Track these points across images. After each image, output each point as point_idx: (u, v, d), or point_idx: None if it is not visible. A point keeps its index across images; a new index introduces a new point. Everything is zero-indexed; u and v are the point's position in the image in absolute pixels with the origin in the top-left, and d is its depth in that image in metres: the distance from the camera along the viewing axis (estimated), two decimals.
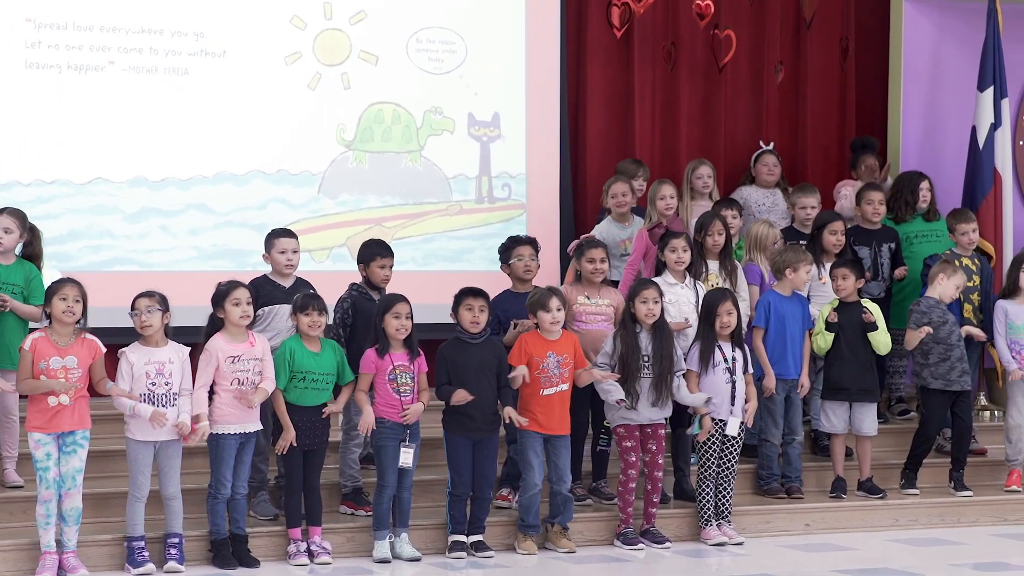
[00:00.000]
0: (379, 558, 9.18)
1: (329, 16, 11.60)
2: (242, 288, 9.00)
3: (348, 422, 9.63)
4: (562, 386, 9.51)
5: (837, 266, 10.69)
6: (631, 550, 9.66)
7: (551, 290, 9.63)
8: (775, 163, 12.19)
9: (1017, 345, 11.00)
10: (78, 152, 11.00)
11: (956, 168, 12.37)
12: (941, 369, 10.78)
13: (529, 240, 10.22)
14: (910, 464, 10.88)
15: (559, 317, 9.50)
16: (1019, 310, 11.00)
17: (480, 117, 11.98)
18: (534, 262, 10.11)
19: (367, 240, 10.03)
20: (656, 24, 12.58)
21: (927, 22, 12.98)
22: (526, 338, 9.53)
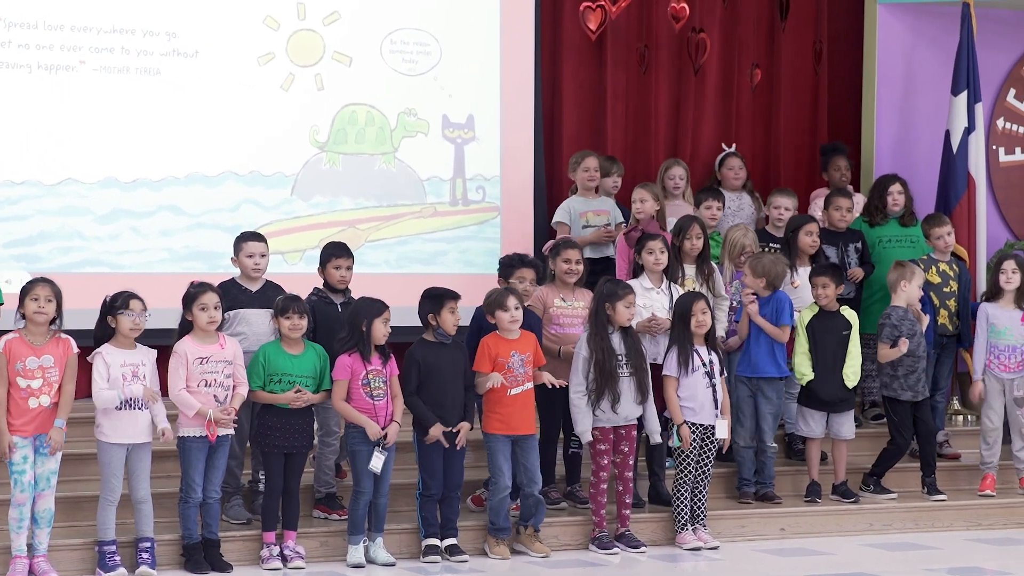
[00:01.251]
0: (353, 563, 9.12)
1: (302, 17, 11.53)
2: (211, 293, 8.93)
3: (323, 428, 9.57)
4: (527, 384, 9.49)
5: (817, 273, 10.66)
6: (606, 554, 9.62)
7: (507, 290, 9.60)
8: (740, 166, 12.18)
9: (996, 349, 11.00)
10: (48, 153, 10.91)
11: (930, 172, 12.38)
12: (910, 381, 10.77)
13: (533, 263, 10.08)
14: (876, 472, 10.85)
15: (517, 316, 9.46)
16: (1001, 313, 11.00)
17: (454, 119, 11.93)
18: (532, 287, 9.98)
19: (328, 243, 9.93)
20: (630, 26, 12.57)
21: (901, 26, 13.01)
22: (488, 341, 9.48)
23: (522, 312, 9.51)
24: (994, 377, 11.02)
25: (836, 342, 10.55)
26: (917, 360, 10.74)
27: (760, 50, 13.03)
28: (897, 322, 10.72)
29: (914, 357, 10.73)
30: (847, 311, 10.68)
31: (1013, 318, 10.98)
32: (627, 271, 10.61)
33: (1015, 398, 10.99)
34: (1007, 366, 10.98)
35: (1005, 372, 10.99)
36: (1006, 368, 10.99)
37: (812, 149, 13.22)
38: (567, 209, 11.42)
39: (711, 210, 11.27)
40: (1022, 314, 10.98)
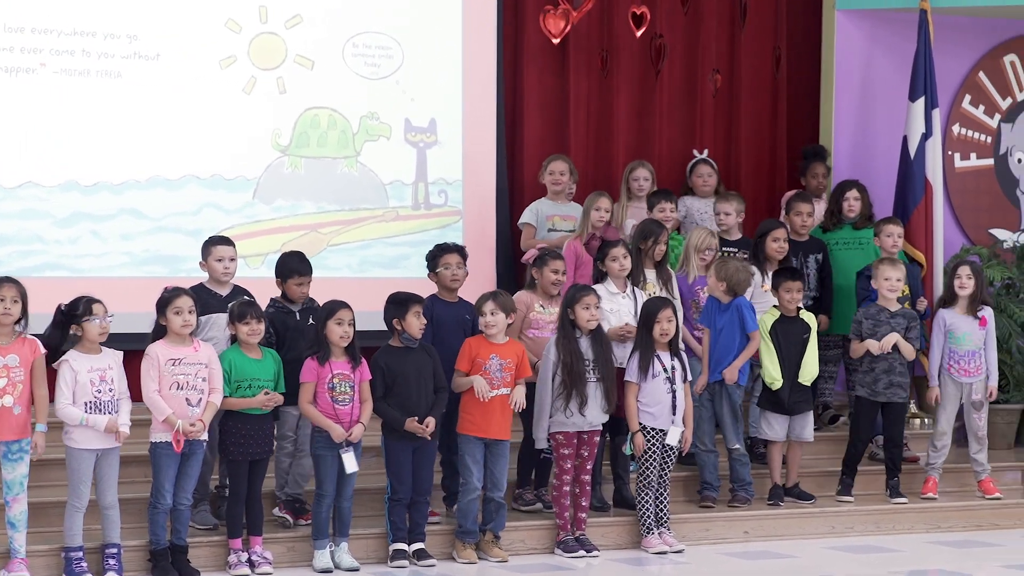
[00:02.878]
0: (320, 568, 9.12)
1: (264, 20, 11.49)
2: (185, 296, 8.90)
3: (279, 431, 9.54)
4: (504, 389, 9.49)
5: (785, 278, 10.72)
6: (571, 558, 9.65)
7: (492, 293, 9.64)
8: (710, 173, 12.21)
9: (956, 355, 11.06)
10: (7, 156, 10.83)
11: (887, 178, 12.45)
12: (868, 379, 10.85)
13: (456, 248, 10.13)
14: (845, 471, 10.93)
15: (492, 321, 9.49)
16: (959, 320, 11.07)
17: (417, 123, 11.91)
18: (461, 270, 10.02)
19: (286, 253, 9.87)
20: (592, 31, 12.58)
21: (859, 32, 13.09)
22: (471, 341, 9.53)
23: (501, 318, 9.52)
24: (952, 381, 11.08)
25: (797, 346, 10.62)
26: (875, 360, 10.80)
27: (721, 55, 13.07)
28: (863, 319, 10.79)
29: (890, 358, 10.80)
30: (806, 315, 10.75)
31: (971, 324, 11.05)
32: (575, 277, 10.65)
33: (973, 401, 11.07)
34: (967, 371, 11.06)
35: (965, 376, 11.06)
36: (966, 372, 11.06)
37: (773, 154, 13.27)
38: (535, 211, 11.43)
39: (664, 212, 11.30)
40: (979, 319, 11.06)
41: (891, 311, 10.85)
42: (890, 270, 10.88)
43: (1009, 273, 12.78)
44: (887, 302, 10.87)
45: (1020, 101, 13.56)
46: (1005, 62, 13.50)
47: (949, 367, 11.07)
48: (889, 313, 10.84)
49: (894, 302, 10.89)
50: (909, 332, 10.82)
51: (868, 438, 11.05)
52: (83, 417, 8.53)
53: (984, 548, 10.36)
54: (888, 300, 10.87)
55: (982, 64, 13.43)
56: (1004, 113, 13.53)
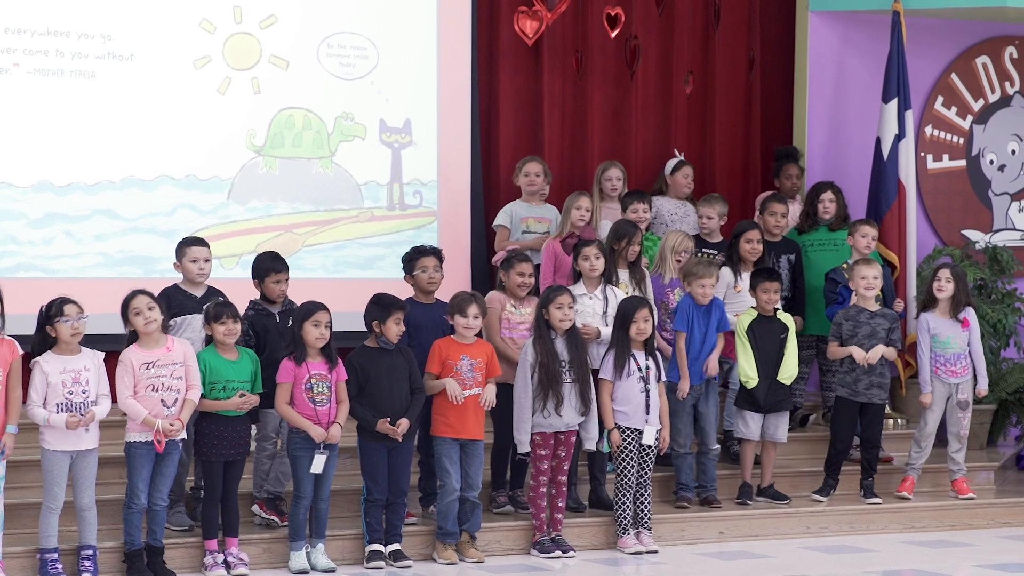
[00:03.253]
0: (296, 569, 9.11)
1: (239, 20, 11.46)
2: (140, 296, 8.86)
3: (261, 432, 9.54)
4: (475, 389, 9.51)
5: (763, 278, 10.74)
6: (547, 558, 9.65)
7: (473, 297, 9.64)
8: (690, 174, 12.23)
9: (943, 358, 11.07)
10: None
11: (861, 179, 12.50)
12: (848, 379, 10.88)
13: (433, 251, 10.13)
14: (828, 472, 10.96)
15: (473, 325, 9.50)
16: (941, 324, 11.08)
17: (391, 123, 11.90)
18: (438, 273, 10.03)
19: (260, 254, 9.88)
20: (566, 32, 12.59)
21: (832, 34, 13.14)
22: (441, 344, 9.52)
23: (480, 321, 9.53)
24: (940, 382, 11.09)
25: (774, 345, 10.65)
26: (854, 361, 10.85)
27: (695, 57, 13.09)
28: (842, 320, 10.83)
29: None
30: (783, 315, 10.78)
31: (953, 327, 11.07)
32: (552, 277, 10.66)
33: (959, 401, 11.11)
34: (954, 371, 11.07)
35: (952, 377, 11.07)
36: (953, 373, 11.07)
37: (746, 156, 13.30)
38: (509, 213, 11.44)
39: (637, 213, 11.31)
40: (961, 321, 11.09)
41: (871, 311, 10.88)
42: (866, 269, 10.91)
43: (981, 274, 12.83)
44: (866, 302, 10.90)
45: (992, 103, 13.62)
46: (977, 64, 13.56)
47: (936, 369, 11.08)
48: (869, 314, 10.88)
49: (872, 302, 10.92)
50: (891, 333, 10.87)
51: (849, 439, 11.05)
52: (45, 416, 8.51)
53: (958, 548, 10.40)
54: (866, 300, 10.90)
55: (955, 66, 13.49)
56: (976, 115, 13.59)
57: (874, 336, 10.82)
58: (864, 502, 10.89)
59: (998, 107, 13.66)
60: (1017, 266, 13.04)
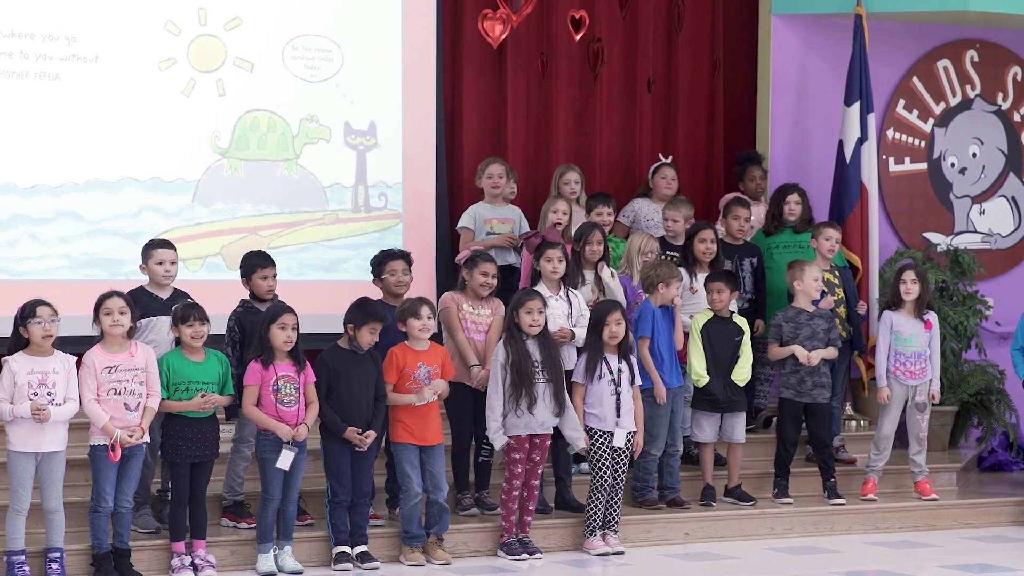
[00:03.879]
0: (264, 571, 9.10)
1: (204, 22, 11.44)
2: (114, 297, 8.87)
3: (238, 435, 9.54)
4: (431, 393, 9.50)
5: (712, 279, 10.81)
6: (514, 560, 9.67)
7: (421, 300, 9.63)
8: (673, 176, 12.24)
9: (903, 356, 11.15)
10: None
11: (823, 182, 12.56)
12: (793, 379, 10.95)
13: (402, 254, 10.18)
14: (778, 473, 11.02)
15: (429, 325, 9.51)
16: (905, 321, 11.17)
17: (356, 126, 11.90)
18: (407, 276, 10.08)
19: (247, 252, 9.92)
20: (531, 35, 12.61)
21: (795, 37, 13.20)
22: (396, 352, 9.51)
23: (435, 322, 9.54)
24: (897, 383, 11.18)
25: (729, 347, 10.71)
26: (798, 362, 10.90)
27: (658, 60, 13.13)
28: (782, 322, 10.89)
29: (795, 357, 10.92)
30: (739, 318, 10.85)
31: (916, 326, 11.16)
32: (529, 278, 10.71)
33: (917, 403, 11.18)
34: (912, 372, 11.16)
35: (910, 379, 11.16)
36: (911, 375, 11.16)
37: (710, 159, 13.35)
38: (472, 215, 11.45)
39: (602, 216, 11.34)
40: (925, 322, 11.17)
41: (809, 312, 10.95)
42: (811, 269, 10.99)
43: (943, 276, 12.91)
44: (805, 304, 10.97)
45: (953, 106, 13.70)
46: (939, 67, 13.65)
47: (895, 369, 11.16)
48: (808, 315, 10.95)
49: (811, 304, 10.99)
50: (830, 332, 10.93)
51: (794, 439, 11.03)
52: (9, 409, 8.49)
53: (921, 549, 10.47)
54: (805, 302, 10.97)
55: (916, 69, 13.57)
56: (938, 118, 13.67)
57: (815, 337, 10.90)
58: (828, 503, 10.94)
59: (959, 110, 13.74)
60: (978, 268, 13.13)
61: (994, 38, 13.79)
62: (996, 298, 13.22)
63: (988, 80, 13.81)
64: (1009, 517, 11.37)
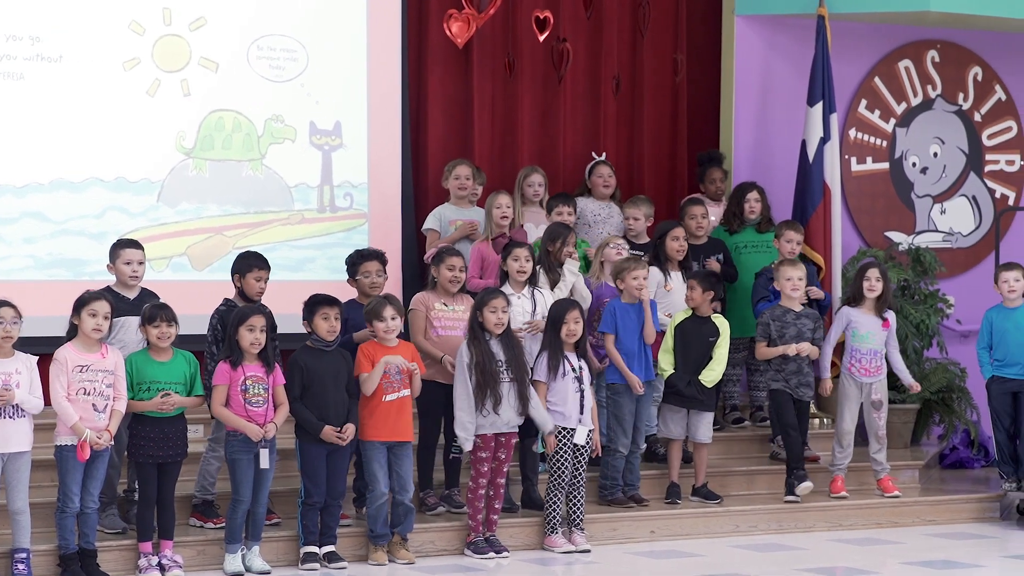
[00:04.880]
0: (231, 571, 9.12)
1: (168, 22, 11.42)
2: (103, 302, 8.87)
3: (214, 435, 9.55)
4: (403, 391, 9.55)
5: (690, 276, 10.90)
6: (481, 559, 9.71)
7: (386, 298, 9.66)
8: (610, 174, 12.28)
9: (859, 353, 11.23)
10: None
11: (787, 181, 12.61)
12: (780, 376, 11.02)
13: (377, 254, 10.22)
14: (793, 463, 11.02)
15: (393, 326, 9.54)
16: (863, 318, 11.25)
17: (322, 126, 11.89)
18: (381, 277, 10.12)
19: (243, 252, 9.97)
20: (496, 35, 12.62)
21: (758, 38, 13.26)
22: (366, 348, 9.53)
23: (399, 322, 9.56)
24: (853, 381, 11.26)
25: (702, 346, 10.76)
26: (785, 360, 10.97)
27: (623, 60, 13.16)
28: (769, 321, 10.96)
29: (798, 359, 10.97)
30: (719, 319, 10.88)
31: (875, 324, 11.25)
32: (477, 276, 10.73)
33: (872, 401, 11.26)
34: (867, 370, 11.25)
35: (865, 376, 11.25)
36: (866, 372, 11.25)
37: (673, 159, 13.38)
38: (438, 216, 11.47)
39: (562, 216, 11.38)
40: (883, 320, 11.26)
41: (796, 312, 11.02)
42: (791, 270, 11.06)
43: (905, 275, 12.99)
44: (791, 303, 11.04)
45: (915, 106, 13.79)
46: (900, 68, 13.73)
47: (851, 367, 11.25)
48: (795, 314, 11.02)
49: (797, 303, 11.06)
50: (816, 332, 11.01)
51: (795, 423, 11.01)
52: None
53: (884, 546, 10.55)
54: (792, 300, 11.04)
55: (878, 69, 13.65)
56: (899, 118, 13.75)
57: (801, 336, 10.98)
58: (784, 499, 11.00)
59: (920, 110, 13.83)
60: (939, 267, 13.21)
61: (955, 39, 13.88)
62: (957, 297, 13.31)
63: (949, 80, 13.91)
64: (971, 514, 11.47)
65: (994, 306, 11.51)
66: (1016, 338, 11.30)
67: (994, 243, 13.08)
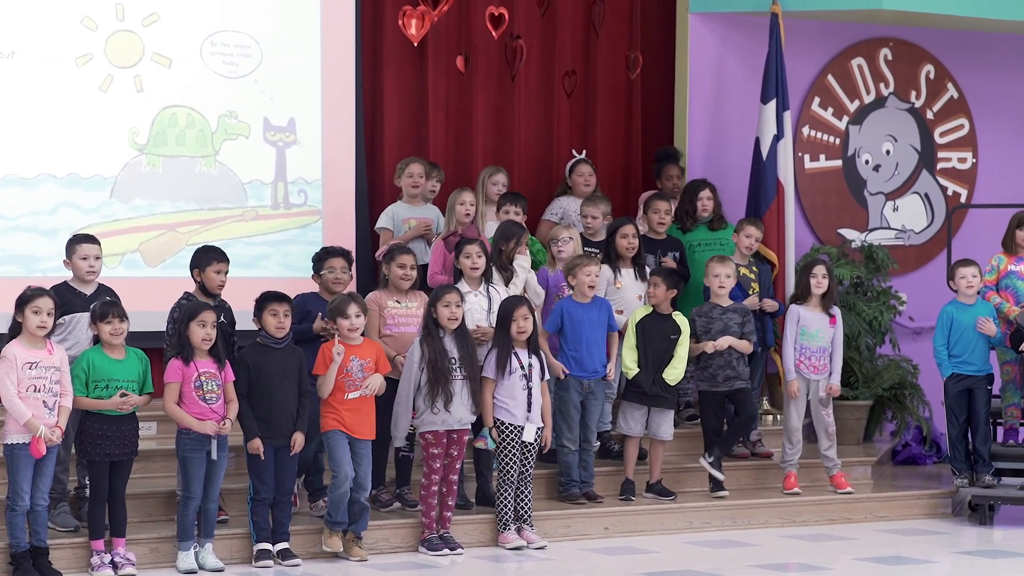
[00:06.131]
0: (184, 569, 9.08)
1: (121, 17, 11.38)
2: (46, 298, 8.79)
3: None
4: (366, 390, 9.52)
5: (652, 273, 10.93)
6: (435, 556, 9.70)
7: (351, 296, 9.64)
8: (590, 172, 12.28)
9: (808, 351, 11.28)
10: None
11: (741, 178, 12.66)
12: (706, 374, 11.10)
13: (342, 252, 10.21)
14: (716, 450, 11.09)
15: (357, 324, 9.52)
16: (811, 316, 11.30)
17: (276, 122, 11.87)
18: (345, 274, 10.11)
19: (201, 246, 9.93)
20: (451, 32, 12.62)
21: (712, 36, 13.29)
22: (326, 348, 9.51)
23: (363, 320, 9.55)
24: (801, 377, 11.30)
25: (664, 344, 10.78)
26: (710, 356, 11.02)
27: (577, 57, 13.18)
28: (696, 317, 11.02)
29: (726, 354, 11.01)
30: (679, 317, 10.91)
31: (823, 321, 11.29)
32: (440, 273, 10.73)
33: (820, 398, 11.31)
34: (815, 367, 11.29)
35: (813, 373, 11.29)
36: (815, 369, 11.29)
37: (628, 156, 13.42)
38: (391, 214, 11.46)
39: (509, 214, 11.37)
40: (831, 317, 11.31)
41: (723, 307, 11.07)
42: (719, 267, 11.11)
43: (857, 272, 13.05)
44: (718, 299, 11.09)
45: (867, 104, 13.85)
46: (853, 65, 13.79)
47: (800, 363, 11.29)
48: (721, 309, 11.07)
49: (725, 298, 11.11)
50: (744, 327, 11.04)
51: (718, 428, 11.10)
52: None
53: (837, 541, 10.59)
54: (719, 297, 11.08)
55: (831, 67, 13.71)
56: (852, 115, 13.81)
57: (726, 331, 11.02)
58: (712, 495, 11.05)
59: (873, 108, 13.90)
60: (892, 264, 13.28)
61: (907, 36, 13.95)
62: (909, 294, 13.37)
63: (901, 78, 13.97)
64: (923, 510, 11.52)
65: (951, 302, 11.56)
66: (972, 334, 11.36)
67: (946, 240, 13.15)
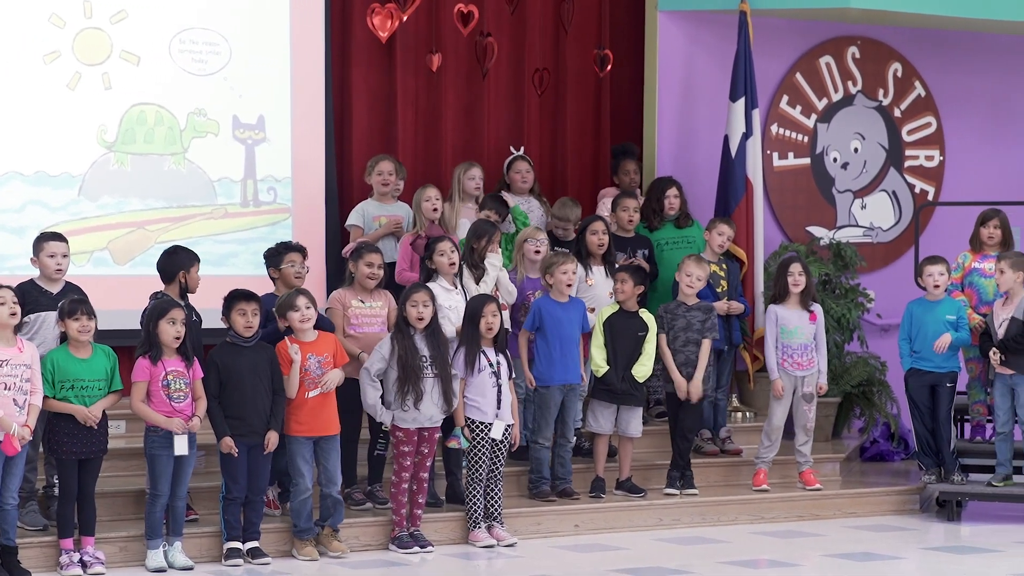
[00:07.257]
0: (153, 567, 9.06)
1: (89, 15, 11.34)
2: (5, 289, 8.75)
3: None
4: (323, 387, 9.51)
5: (619, 270, 10.93)
6: (406, 554, 9.70)
7: (297, 292, 9.64)
8: (528, 169, 12.27)
9: (790, 348, 11.29)
10: None
11: (710, 176, 12.69)
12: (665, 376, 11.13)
13: (299, 247, 10.20)
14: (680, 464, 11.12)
15: (309, 315, 9.52)
16: (790, 314, 11.31)
17: (245, 120, 11.85)
18: (304, 268, 10.09)
19: (178, 247, 9.89)
20: (420, 30, 12.62)
21: (681, 33, 13.31)
22: (283, 346, 9.49)
23: (314, 311, 9.54)
24: (786, 375, 11.31)
25: (631, 341, 10.80)
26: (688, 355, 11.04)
27: (547, 55, 13.20)
28: (662, 313, 11.04)
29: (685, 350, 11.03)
30: (646, 314, 10.92)
31: (802, 318, 11.31)
32: (408, 270, 10.75)
33: (804, 394, 11.34)
34: (799, 364, 11.31)
35: (798, 370, 11.30)
36: (799, 366, 11.31)
37: (597, 153, 13.43)
38: (361, 212, 11.45)
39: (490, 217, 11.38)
40: (810, 314, 11.34)
41: (688, 305, 11.09)
42: (694, 267, 11.12)
43: (826, 269, 13.08)
44: (685, 297, 11.11)
45: (835, 102, 13.89)
46: (821, 63, 13.83)
47: (783, 361, 11.30)
48: (686, 307, 11.09)
49: (693, 297, 11.12)
50: (705, 323, 11.07)
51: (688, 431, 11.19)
52: None
53: (806, 538, 10.62)
54: (687, 296, 11.10)
55: (799, 65, 13.74)
56: (820, 113, 13.85)
57: (689, 328, 11.05)
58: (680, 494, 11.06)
59: (841, 106, 13.94)
60: (860, 262, 13.32)
61: (875, 35, 14.00)
62: (877, 291, 13.41)
63: (869, 76, 14.02)
64: (891, 506, 11.57)
65: (916, 299, 11.61)
66: (935, 331, 11.40)
67: (914, 238, 13.20)
